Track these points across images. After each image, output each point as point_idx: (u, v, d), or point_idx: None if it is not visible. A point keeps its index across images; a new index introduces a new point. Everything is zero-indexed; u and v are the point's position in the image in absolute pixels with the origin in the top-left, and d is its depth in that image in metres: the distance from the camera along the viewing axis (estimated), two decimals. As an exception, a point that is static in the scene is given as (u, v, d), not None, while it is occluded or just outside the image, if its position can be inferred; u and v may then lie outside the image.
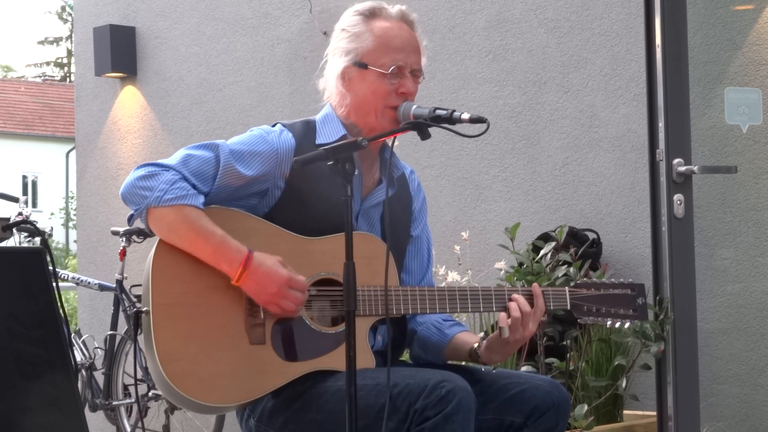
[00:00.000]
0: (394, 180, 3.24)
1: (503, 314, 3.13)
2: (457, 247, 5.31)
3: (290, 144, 3.15)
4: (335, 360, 3.05)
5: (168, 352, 2.99)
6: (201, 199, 3.06)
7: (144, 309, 3.03)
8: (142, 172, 3.06)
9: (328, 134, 3.19)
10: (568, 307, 3.22)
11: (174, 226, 3.03)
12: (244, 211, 3.13)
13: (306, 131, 3.20)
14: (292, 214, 3.12)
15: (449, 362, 3.32)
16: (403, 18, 3.24)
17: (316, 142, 3.16)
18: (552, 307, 3.21)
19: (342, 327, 3.07)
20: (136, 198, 3.05)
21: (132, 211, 3.09)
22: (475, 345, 3.22)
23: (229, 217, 3.08)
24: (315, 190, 3.13)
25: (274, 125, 3.21)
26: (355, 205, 3.17)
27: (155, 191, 3.03)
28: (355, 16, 3.22)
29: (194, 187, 3.06)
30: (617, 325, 3.26)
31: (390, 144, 3.15)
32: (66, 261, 25.46)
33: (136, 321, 3.07)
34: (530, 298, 3.16)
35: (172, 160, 3.08)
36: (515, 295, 3.15)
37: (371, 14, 3.21)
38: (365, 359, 3.04)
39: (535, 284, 3.19)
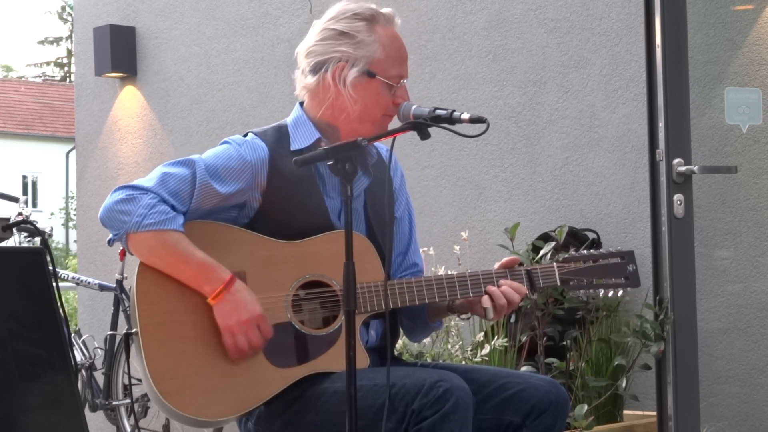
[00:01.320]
0: (369, 168, 3.23)
1: (486, 297, 3.15)
2: (457, 247, 5.31)
3: (263, 154, 3.12)
4: (330, 361, 3.06)
5: (160, 371, 2.99)
6: (180, 220, 3.04)
7: (133, 331, 3.02)
8: (120, 195, 3.04)
9: (302, 139, 3.17)
10: (558, 283, 3.21)
11: (154, 251, 3.02)
12: (224, 222, 3.12)
13: (278, 138, 3.17)
14: (273, 221, 3.11)
15: (446, 362, 3.32)
16: (395, 23, 3.22)
17: (291, 149, 3.15)
18: (542, 285, 3.21)
19: (333, 327, 3.07)
20: (116, 223, 3.03)
21: (111, 235, 3.08)
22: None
23: (209, 230, 3.07)
24: (294, 195, 3.12)
25: (245, 135, 3.19)
26: (336, 202, 3.17)
27: (134, 216, 3.01)
28: (357, 21, 3.16)
29: (173, 208, 3.04)
30: (610, 294, 3.24)
31: (390, 143, 3.14)
32: (66, 261, 25.43)
33: (127, 344, 3.06)
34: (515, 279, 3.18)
35: (150, 181, 3.06)
36: (502, 281, 3.16)
37: (372, 19, 3.17)
38: (359, 358, 3.02)
39: (518, 284, 3.19)
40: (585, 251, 3.27)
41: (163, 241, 3.01)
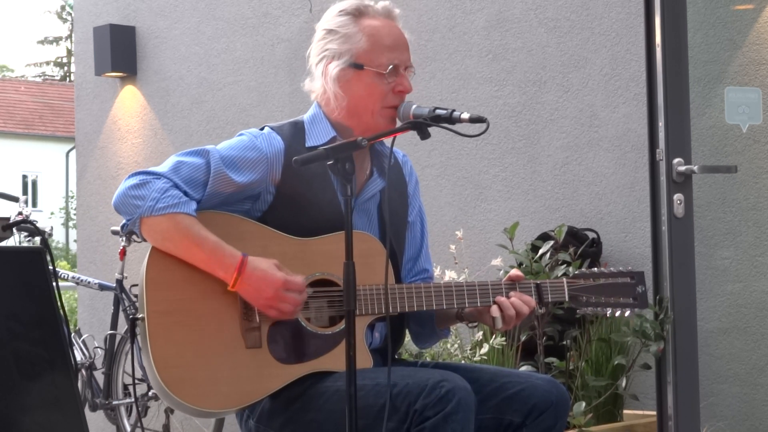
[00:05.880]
0: (385, 170, 3.24)
1: (495, 307, 3.15)
2: (453, 246, 5.30)
3: (279, 147, 3.13)
4: (333, 360, 3.06)
5: (164, 359, 2.99)
6: (193, 206, 3.05)
7: (139, 316, 3.03)
8: (133, 181, 3.05)
9: (318, 136, 3.18)
10: (567, 298, 3.21)
11: (167, 235, 3.02)
12: (237, 215, 3.13)
13: (295, 133, 3.18)
14: (286, 216, 3.11)
15: (447, 362, 3.32)
16: (389, 15, 3.21)
17: (306, 145, 3.16)
18: (550, 299, 3.21)
19: (339, 327, 3.08)
20: (129, 208, 3.04)
21: (125, 221, 3.09)
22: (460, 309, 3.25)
23: (222, 221, 3.07)
24: (307, 191, 3.13)
25: (262, 128, 3.20)
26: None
27: (147, 200, 3.02)
28: (342, 17, 3.18)
29: (186, 194, 3.05)
30: (617, 314, 3.25)
31: (390, 142, 3.15)
32: (57, 263, 25.35)
33: (133, 328, 3.07)
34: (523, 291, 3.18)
35: (163, 167, 3.07)
36: (512, 293, 3.16)
37: (358, 13, 3.18)
38: (363, 359, 3.03)
39: (528, 297, 3.19)
40: (596, 269, 3.27)
41: (176, 224, 3.01)
